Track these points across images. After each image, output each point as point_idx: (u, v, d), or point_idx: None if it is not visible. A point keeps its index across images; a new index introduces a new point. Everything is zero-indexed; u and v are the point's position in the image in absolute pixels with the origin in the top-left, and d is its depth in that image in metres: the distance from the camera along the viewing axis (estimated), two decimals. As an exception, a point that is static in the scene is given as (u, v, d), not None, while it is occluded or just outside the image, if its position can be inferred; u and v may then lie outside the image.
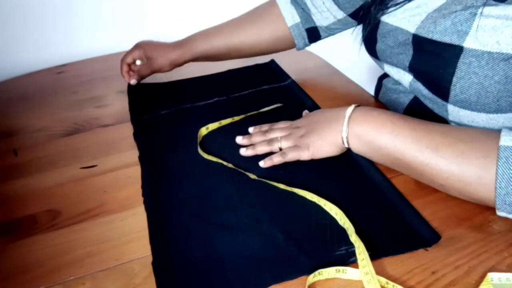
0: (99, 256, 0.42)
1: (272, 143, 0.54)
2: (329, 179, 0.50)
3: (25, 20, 0.86)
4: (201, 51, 0.71)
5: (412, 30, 0.51)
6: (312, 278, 0.38)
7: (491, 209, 0.44)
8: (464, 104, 0.47)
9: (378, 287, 0.36)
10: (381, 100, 0.68)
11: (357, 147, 0.50)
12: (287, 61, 0.80)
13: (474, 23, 0.44)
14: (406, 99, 0.60)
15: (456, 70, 0.46)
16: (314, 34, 0.69)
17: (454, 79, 0.46)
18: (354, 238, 0.41)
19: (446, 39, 0.46)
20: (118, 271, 0.41)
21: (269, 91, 0.71)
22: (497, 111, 0.45)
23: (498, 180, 0.39)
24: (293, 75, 0.75)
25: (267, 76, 0.76)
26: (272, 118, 0.60)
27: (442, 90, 0.48)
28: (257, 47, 0.71)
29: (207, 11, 1.01)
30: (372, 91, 0.72)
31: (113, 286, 0.39)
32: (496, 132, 0.42)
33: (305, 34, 0.69)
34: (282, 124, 0.57)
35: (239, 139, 0.57)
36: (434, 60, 0.48)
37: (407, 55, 0.53)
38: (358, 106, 0.50)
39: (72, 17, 0.89)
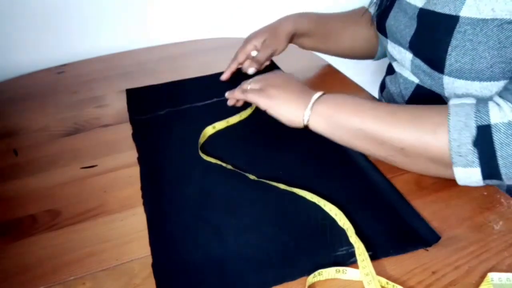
0: (99, 256, 0.42)
1: (244, 84, 0.59)
2: (329, 180, 0.50)
3: (25, 20, 0.86)
4: (309, 28, 0.73)
5: (420, 4, 0.53)
6: (312, 278, 0.38)
7: (491, 209, 0.44)
8: (459, 74, 0.48)
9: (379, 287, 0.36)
10: (384, 96, 0.70)
11: (317, 124, 0.50)
12: (287, 61, 0.80)
13: None
14: (407, 92, 0.61)
15: (452, 39, 0.47)
16: None
17: (450, 48, 0.48)
18: (354, 239, 0.41)
19: (446, 9, 0.48)
20: (118, 271, 0.41)
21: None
22: (490, 78, 0.46)
23: (451, 132, 0.42)
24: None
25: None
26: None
27: (438, 61, 0.49)
28: (352, 43, 0.75)
29: (207, 11, 1.01)
30: (372, 91, 0.72)
31: (113, 286, 0.39)
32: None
33: None
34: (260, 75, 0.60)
35: (226, 94, 0.63)
36: (433, 32, 0.50)
37: (410, 30, 0.54)
38: (324, 94, 0.52)
39: (72, 17, 0.89)
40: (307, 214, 0.45)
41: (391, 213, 0.45)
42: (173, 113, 0.66)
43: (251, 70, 0.70)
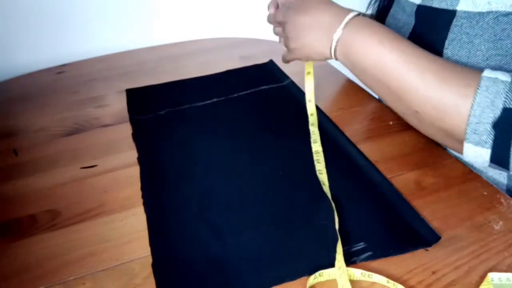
0: (99, 256, 0.42)
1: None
2: (329, 179, 0.50)
3: (25, 20, 0.86)
4: None
5: (418, 1, 0.53)
6: (312, 280, 0.38)
7: (491, 209, 0.44)
8: None
9: (348, 280, 0.37)
10: None
11: (343, 61, 0.49)
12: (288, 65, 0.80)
13: None
14: None
15: (449, 33, 0.47)
16: None
17: (446, 42, 0.48)
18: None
19: (443, 4, 0.48)
20: (118, 271, 0.41)
21: (268, 91, 0.72)
22: None
23: (474, 108, 0.39)
24: (292, 76, 0.75)
25: (266, 77, 0.76)
26: (271, 115, 0.60)
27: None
28: None
29: (207, 11, 1.01)
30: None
31: (113, 286, 0.39)
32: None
33: None
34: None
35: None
36: (430, 28, 0.50)
37: (409, 27, 0.54)
38: (358, 15, 0.48)
39: (72, 17, 0.89)
40: (308, 214, 0.45)
41: (391, 213, 0.45)
42: (173, 113, 0.66)
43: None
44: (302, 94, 0.69)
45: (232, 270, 0.40)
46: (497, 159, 0.40)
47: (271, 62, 0.81)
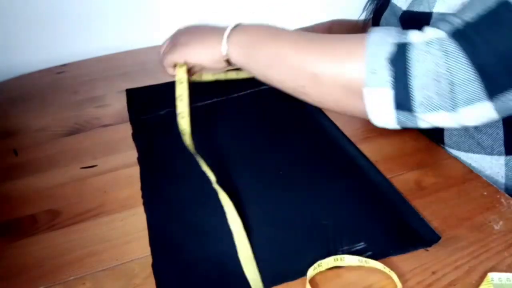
0: (99, 256, 0.42)
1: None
2: (329, 179, 0.50)
3: (25, 20, 0.86)
4: None
5: (404, 7, 0.53)
6: (312, 271, 0.38)
7: (491, 209, 0.44)
8: None
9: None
10: None
11: (237, 55, 0.49)
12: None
13: None
14: None
15: None
16: None
17: None
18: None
19: (421, 7, 0.49)
20: (118, 271, 0.41)
21: (268, 91, 0.71)
22: None
23: (368, 47, 0.40)
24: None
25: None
26: (271, 115, 0.60)
27: None
28: None
29: (207, 11, 1.01)
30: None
31: (113, 286, 0.39)
32: None
33: None
34: None
35: None
36: None
37: None
38: (239, 24, 0.50)
39: (72, 17, 0.89)
40: (307, 214, 0.45)
41: (391, 213, 0.45)
42: (173, 113, 0.65)
43: None
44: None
45: (232, 270, 0.40)
46: (402, 101, 0.39)
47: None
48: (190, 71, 0.54)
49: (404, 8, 0.53)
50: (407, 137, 0.57)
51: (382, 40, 0.40)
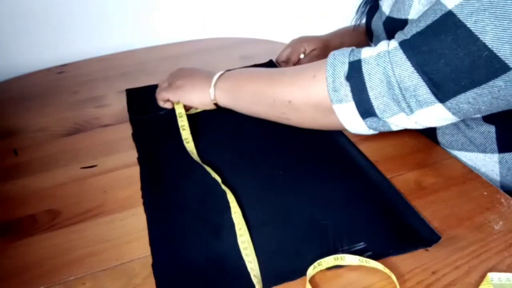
0: (99, 256, 0.42)
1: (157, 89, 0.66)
2: (329, 179, 0.50)
3: (26, 20, 0.86)
4: (352, 43, 0.74)
5: (387, 12, 0.54)
6: (312, 270, 0.38)
7: (491, 209, 0.45)
8: None
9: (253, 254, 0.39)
10: None
11: (222, 98, 0.57)
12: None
13: None
14: None
15: None
16: None
17: None
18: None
19: (399, 14, 0.51)
20: (118, 271, 0.41)
21: None
22: None
23: (327, 69, 0.46)
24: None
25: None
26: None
27: None
28: None
29: (207, 11, 1.01)
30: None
31: (113, 286, 0.39)
32: None
33: None
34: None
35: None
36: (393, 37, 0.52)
37: (385, 36, 0.56)
38: (226, 72, 0.58)
39: (72, 17, 0.89)
40: (307, 214, 0.45)
41: (391, 213, 0.45)
42: (173, 113, 0.65)
43: None
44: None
45: (232, 270, 0.40)
46: (364, 111, 0.45)
47: (270, 62, 0.81)
48: (185, 107, 0.63)
49: (387, 13, 0.54)
50: (407, 137, 0.57)
51: (338, 61, 0.45)
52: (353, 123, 0.47)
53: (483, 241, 0.41)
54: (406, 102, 0.42)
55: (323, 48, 0.76)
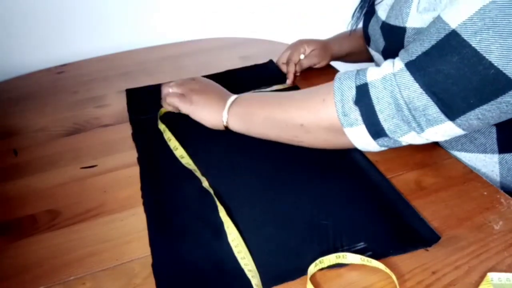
0: (99, 256, 0.42)
1: (165, 87, 0.63)
2: (329, 179, 0.50)
3: (25, 20, 0.86)
4: (351, 48, 0.78)
5: (383, 17, 0.54)
6: (313, 267, 0.38)
7: (491, 209, 0.45)
8: None
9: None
10: None
11: (235, 124, 0.56)
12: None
13: (413, 5, 0.48)
14: None
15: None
16: None
17: None
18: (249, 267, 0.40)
19: (396, 22, 0.51)
20: (118, 271, 0.41)
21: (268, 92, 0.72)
22: None
23: (335, 95, 0.46)
24: (293, 75, 0.75)
25: (266, 77, 0.76)
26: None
27: None
28: None
29: (207, 11, 1.01)
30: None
31: (113, 286, 0.39)
32: None
33: None
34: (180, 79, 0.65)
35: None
36: (393, 44, 0.52)
37: (382, 41, 0.56)
38: (239, 96, 0.58)
39: (72, 17, 0.89)
40: (307, 214, 0.45)
41: (391, 213, 0.45)
42: (173, 113, 0.65)
43: (288, 81, 0.73)
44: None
45: (232, 270, 0.40)
46: (375, 132, 0.45)
47: (271, 62, 0.81)
48: None
49: (383, 18, 0.54)
50: (407, 137, 0.57)
51: (345, 86, 0.46)
52: (365, 143, 0.47)
53: (483, 241, 0.41)
54: (416, 122, 0.43)
55: (322, 48, 0.76)
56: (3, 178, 0.54)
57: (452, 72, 0.39)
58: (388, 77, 0.43)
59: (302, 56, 0.76)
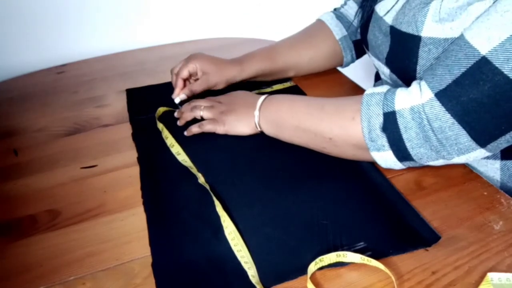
0: (99, 256, 0.42)
1: (194, 110, 0.61)
2: (329, 179, 0.50)
3: (25, 20, 0.86)
4: (257, 71, 0.69)
5: (390, 21, 0.53)
6: (313, 266, 0.38)
7: (491, 209, 0.45)
8: None
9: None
10: None
11: (268, 129, 0.56)
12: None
13: (429, 13, 0.46)
14: None
15: (419, 59, 0.48)
16: (360, 47, 0.71)
17: (418, 67, 0.49)
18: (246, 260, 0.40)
19: (409, 29, 0.49)
20: (118, 271, 0.41)
21: (269, 92, 0.71)
22: None
23: (362, 120, 0.46)
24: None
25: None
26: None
27: (410, 79, 0.50)
28: (313, 65, 0.73)
29: (207, 11, 1.01)
30: (367, 86, 0.72)
31: (113, 286, 0.39)
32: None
33: (352, 46, 0.71)
34: (206, 99, 0.63)
35: (175, 114, 0.64)
36: (402, 51, 0.51)
37: (386, 46, 0.54)
38: (265, 100, 0.57)
39: (72, 17, 0.89)
40: (307, 214, 0.45)
41: (391, 213, 0.45)
42: (172, 113, 0.66)
43: (177, 100, 0.66)
44: (303, 94, 0.69)
45: (232, 270, 0.40)
46: (402, 157, 0.46)
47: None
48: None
49: (390, 21, 0.53)
50: (407, 137, 0.57)
51: (373, 112, 0.46)
52: (391, 164, 0.47)
53: (483, 241, 0.41)
54: (446, 151, 0.43)
55: (217, 71, 0.66)
56: (3, 178, 0.54)
57: (484, 100, 0.39)
58: (417, 109, 0.43)
59: (192, 78, 0.68)
